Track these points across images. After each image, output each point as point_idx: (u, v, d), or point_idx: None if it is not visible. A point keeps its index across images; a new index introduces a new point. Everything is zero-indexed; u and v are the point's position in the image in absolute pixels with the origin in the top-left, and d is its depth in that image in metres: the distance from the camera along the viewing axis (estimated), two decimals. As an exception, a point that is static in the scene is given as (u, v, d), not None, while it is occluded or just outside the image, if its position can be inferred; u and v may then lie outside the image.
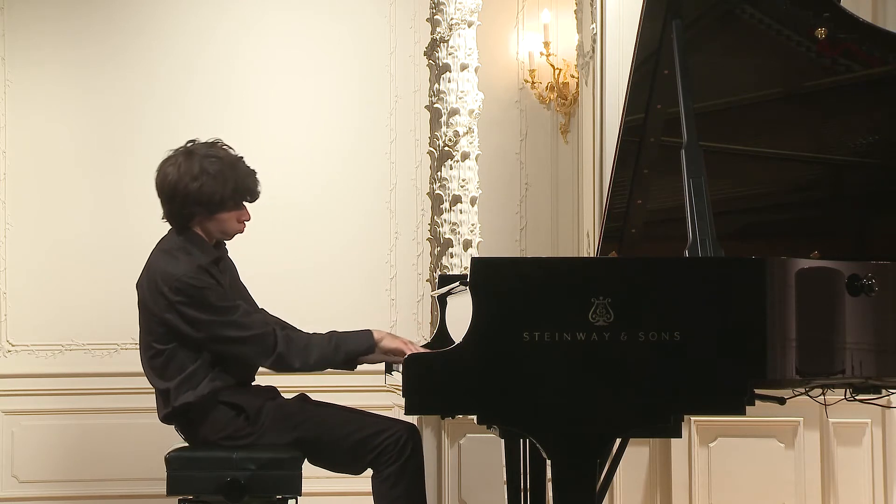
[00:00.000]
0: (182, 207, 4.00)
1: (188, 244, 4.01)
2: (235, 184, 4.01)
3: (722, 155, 3.93)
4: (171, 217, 4.06)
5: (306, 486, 4.01)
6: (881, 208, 4.00)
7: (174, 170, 4.01)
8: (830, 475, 4.96)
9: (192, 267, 3.92)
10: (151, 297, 3.96)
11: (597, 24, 5.38)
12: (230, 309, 3.89)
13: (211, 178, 3.97)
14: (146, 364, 4.04)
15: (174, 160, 4.03)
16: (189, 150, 4.04)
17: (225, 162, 4.02)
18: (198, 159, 3.99)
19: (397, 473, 3.91)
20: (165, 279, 3.93)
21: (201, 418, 3.96)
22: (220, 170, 3.99)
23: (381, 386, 4.35)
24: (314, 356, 3.86)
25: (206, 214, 4.01)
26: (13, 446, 6.95)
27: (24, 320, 7.02)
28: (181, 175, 3.98)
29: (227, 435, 3.95)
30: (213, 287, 3.90)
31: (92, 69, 7.10)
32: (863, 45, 3.80)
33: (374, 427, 3.96)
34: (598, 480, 3.34)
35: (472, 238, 5.54)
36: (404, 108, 7.16)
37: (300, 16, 7.19)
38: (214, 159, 4.00)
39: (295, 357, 3.85)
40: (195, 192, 3.96)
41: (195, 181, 3.96)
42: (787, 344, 3.27)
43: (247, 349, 3.88)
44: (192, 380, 3.93)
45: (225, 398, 3.95)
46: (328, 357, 3.87)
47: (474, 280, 3.24)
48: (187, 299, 3.88)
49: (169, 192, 4.02)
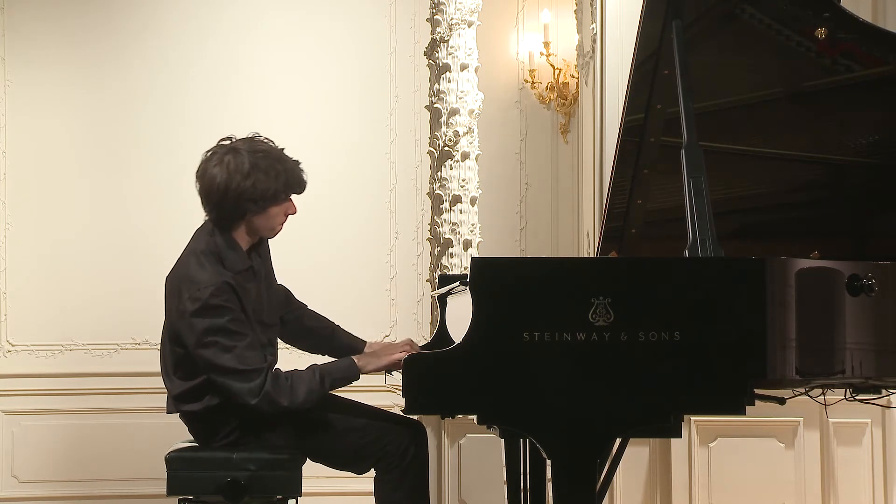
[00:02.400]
0: (235, 207, 3.86)
1: (223, 250, 3.88)
2: (286, 177, 3.90)
3: (722, 155, 3.93)
4: (219, 218, 3.90)
5: (306, 486, 4.01)
6: (881, 208, 4.00)
7: (221, 170, 3.85)
8: (830, 475, 4.96)
9: (218, 281, 3.79)
10: (172, 296, 3.90)
11: (597, 24, 5.38)
12: (237, 335, 3.77)
13: (262, 174, 3.84)
14: (162, 356, 3.98)
15: (218, 160, 3.88)
16: (233, 147, 3.90)
17: (273, 156, 3.90)
18: (245, 156, 3.86)
19: (399, 477, 3.90)
20: (188, 284, 3.81)
21: (205, 424, 3.96)
22: (271, 164, 3.87)
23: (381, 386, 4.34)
24: (302, 392, 3.75)
25: (258, 211, 3.88)
26: (13, 446, 6.95)
27: (24, 320, 7.02)
28: (231, 174, 3.84)
29: (230, 442, 3.95)
30: (230, 309, 3.77)
31: (92, 69, 7.10)
32: (863, 45, 3.80)
33: (377, 432, 3.94)
34: (598, 480, 3.34)
35: (472, 238, 5.54)
36: (404, 108, 7.16)
37: (300, 16, 7.19)
38: (262, 154, 3.88)
39: (283, 396, 3.74)
40: (249, 190, 3.83)
41: (247, 179, 3.83)
42: (787, 344, 3.27)
43: (236, 385, 3.76)
44: (197, 392, 3.88)
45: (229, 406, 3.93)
46: (315, 390, 3.78)
47: (474, 280, 3.24)
48: (201, 312, 3.76)
49: (219, 193, 3.86)
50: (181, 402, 3.93)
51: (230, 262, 3.87)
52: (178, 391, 3.93)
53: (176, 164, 7.05)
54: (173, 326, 3.89)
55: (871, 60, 3.82)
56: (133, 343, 7.03)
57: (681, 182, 3.49)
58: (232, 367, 3.74)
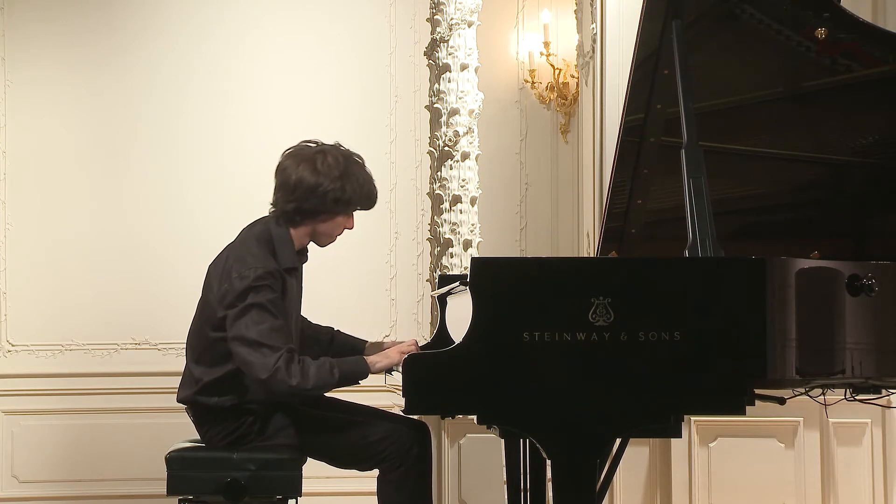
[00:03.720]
0: (315, 205, 3.94)
1: (277, 243, 3.96)
2: (368, 189, 4.01)
3: (722, 155, 3.93)
4: (294, 212, 3.97)
5: (306, 486, 4.01)
6: (881, 208, 4.00)
7: (310, 168, 3.94)
8: (830, 475, 4.96)
9: (269, 266, 3.88)
10: (217, 276, 3.96)
11: (597, 24, 5.38)
12: (270, 315, 3.82)
13: (352, 181, 3.96)
14: (189, 340, 4.04)
15: (308, 158, 3.97)
16: (322, 149, 4.01)
17: (361, 167, 4.02)
18: (340, 161, 3.97)
19: (402, 477, 3.92)
20: (239, 264, 3.89)
21: (214, 420, 3.97)
22: (360, 174, 3.99)
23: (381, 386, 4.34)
24: (312, 376, 3.77)
25: (329, 215, 3.98)
26: (13, 446, 6.95)
27: (24, 320, 7.02)
28: (321, 174, 3.93)
29: (234, 440, 3.95)
30: (272, 291, 3.85)
31: (92, 69, 7.10)
32: (863, 45, 3.80)
33: (381, 431, 3.96)
34: (598, 480, 3.34)
35: (472, 238, 5.54)
36: (404, 108, 7.16)
37: (300, 16, 7.19)
38: (353, 163, 4.00)
39: (293, 376, 3.76)
40: (335, 192, 3.93)
41: (337, 181, 3.93)
42: (787, 344, 3.27)
43: (253, 356, 3.79)
44: (223, 385, 3.92)
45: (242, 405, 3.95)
46: (325, 378, 3.80)
47: (474, 280, 3.24)
48: (246, 287, 3.83)
49: (306, 189, 3.93)
50: (199, 391, 3.94)
51: (281, 256, 3.95)
52: (199, 378, 3.95)
53: (176, 163, 7.06)
54: (211, 304, 3.94)
55: (871, 60, 3.82)
56: (133, 343, 7.03)
57: (681, 182, 3.49)
58: (254, 338, 3.79)
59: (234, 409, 3.95)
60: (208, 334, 3.95)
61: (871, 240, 4.01)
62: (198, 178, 7.05)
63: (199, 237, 6.83)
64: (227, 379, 3.93)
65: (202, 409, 3.99)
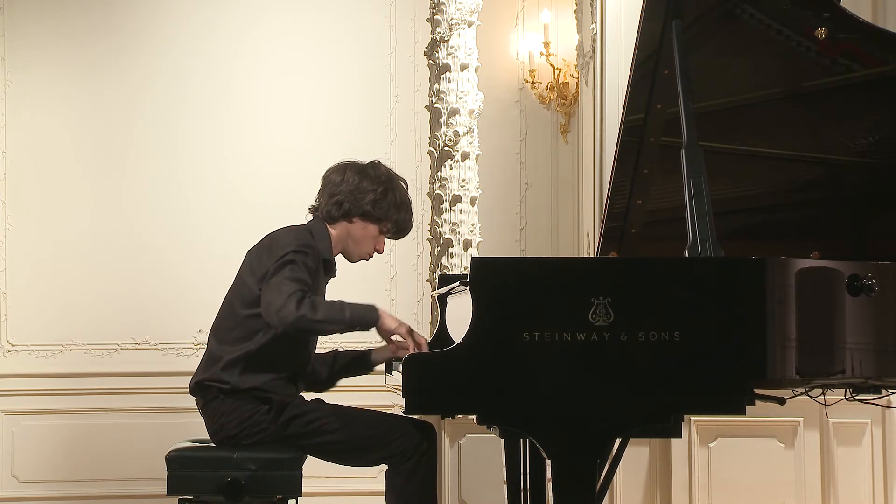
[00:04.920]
0: (354, 203, 4.08)
1: (317, 233, 4.10)
2: (405, 215, 4.15)
3: (722, 155, 3.93)
4: (332, 207, 4.12)
5: (306, 486, 4.01)
6: (881, 208, 4.00)
7: (355, 171, 4.13)
8: (830, 475, 4.96)
9: (311, 244, 4.02)
10: (258, 253, 4.05)
11: (597, 24, 5.38)
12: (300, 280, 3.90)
13: (392, 194, 4.12)
14: (214, 324, 4.10)
15: (358, 167, 4.15)
16: (374, 164, 4.18)
17: (404, 190, 4.18)
18: (385, 174, 4.15)
19: (411, 471, 3.95)
20: (282, 238, 4.02)
21: (229, 404, 3.98)
22: (402, 195, 4.16)
23: (381, 386, 4.35)
24: (321, 311, 3.86)
25: (364, 219, 4.11)
26: (13, 446, 6.96)
27: (24, 320, 7.02)
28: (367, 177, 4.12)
29: (247, 427, 3.95)
30: (308, 265, 3.96)
31: (92, 69, 7.10)
32: (863, 45, 3.80)
33: (391, 425, 4.00)
34: (598, 480, 3.34)
35: (472, 238, 5.54)
36: (404, 108, 7.16)
37: (300, 16, 7.19)
38: (400, 182, 4.18)
39: (303, 307, 3.84)
40: (373, 195, 4.09)
41: (379, 185, 4.10)
42: (787, 344, 3.27)
43: (270, 293, 3.88)
44: (244, 362, 3.97)
45: (257, 393, 3.97)
46: (334, 313, 3.87)
47: (474, 280, 3.24)
48: (284, 252, 3.94)
49: (348, 187, 4.10)
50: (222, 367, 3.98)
51: (321, 244, 4.08)
52: (220, 357, 3.99)
53: (176, 163, 7.06)
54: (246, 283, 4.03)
55: (871, 60, 3.82)
56: (133, 343, 7.03)
57: (681, 182, 3.49)
58: (278, 282, 3.88)
59: (251, 395, 3.97)
60: (239, 312, 4.02)
61: (871, 240, 4.01)
62: (198, 177, 7.05)
63: (199, 237, 6.83)
64: (248, 358, 3.97)
65: (218, 392, 3.99)
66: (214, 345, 4.06)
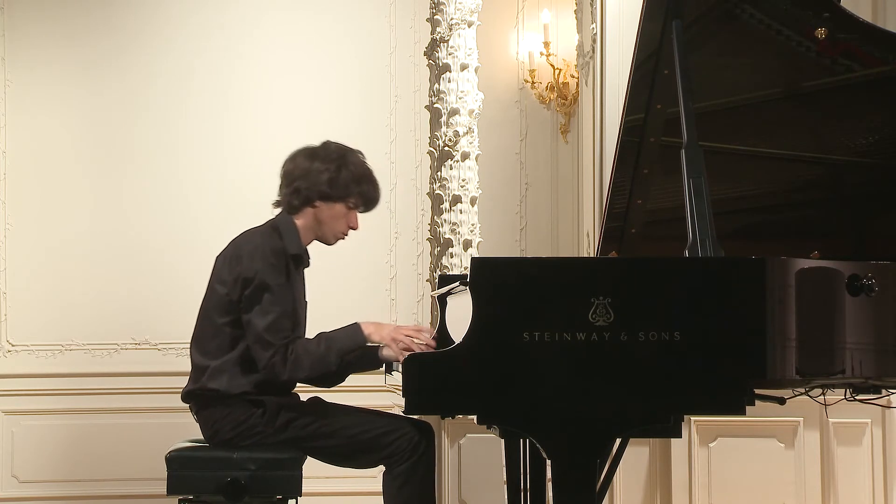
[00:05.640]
0: (311, 186, 4.05)
1: (283, 229, 4.07)
2: (366, 186, 4.11)
3: (722, 155, 3.93)
4: (292, 196, 4.09)
5: (306, 486, 4.01)
6: (881, 208, 4.00)
7: (306, 155, 4.10)
8: (830, 475, 4.96)
9: (278, 246, 4.00)
10: (227, 261, 4.03)
11: (597, 24, 5.38)
12: (278, 302, 3.91)
13: (347, 169, 4.07)
14: (194, 335, 4.10)
15: (310, 151, 4.13)
16: (325, 143, 4.16)
17: (363, 165, 4.14)
18: (337, 150, 4.12)
19: (408, 472, 3.93)
20: (247, 245, 4.00)
21: (222, 409, 3.97)
22: (358, 167, 4.11)
23: (381, 386, 4.35)
24: (306, 365, 3.88)
25: (326, 201, 4.07)
26: (13, 446, 6.96)
27: (24, 320, 7.02)
28: (316, 159, 4.09)
29: (242, 431, 3.95)
30: (280, 274, 3.95)
31: (92, 69, 7.10)
32: (863, 45, 3.80)
33: (388, 426, 3.98)
34: (598, 480, 3.34)
35: (472, 238, 5.54)
36: (404, 108, 7.16)
37: (300, 16, 7.19)
38: (353, 157, 4.12)
39: (284, 371, 3.87)
40: (329, 173, 4.06)
41: (331, 163, 4.07)
42: (787, 344, 3.27)
43: (255, 348, 3.91)
44: (231, 368, 3.96)
45: (250, 395, 3.96)
46: (320, 359, 3.88)
47: (474, 280, 3.24)
48: (256, 265, 3.93)
49: (301, 172, 4.08)
50: (207, 377, 3.97)
51: (288, 240, 4.05)
52: (207, 366, 3.98)
53: (176, 163, 7.06)
54: (219, 291, 4.01)
55: (871, 60, 3.82)
56: (133, 343, 7.03)
57: (681, 182, 3.49)
58: (259, 331, 3.90)
59: (243, 399, 3.95)
60: (216, 321, 4.01)
61: (871, 240, 4.01)
62: (198, 177, 7.05)
63: (199, 237, 6.83)
64: (234, 363, 3.97)
65: (210, 399, 3.98)
66: (198, 356, 4.05)
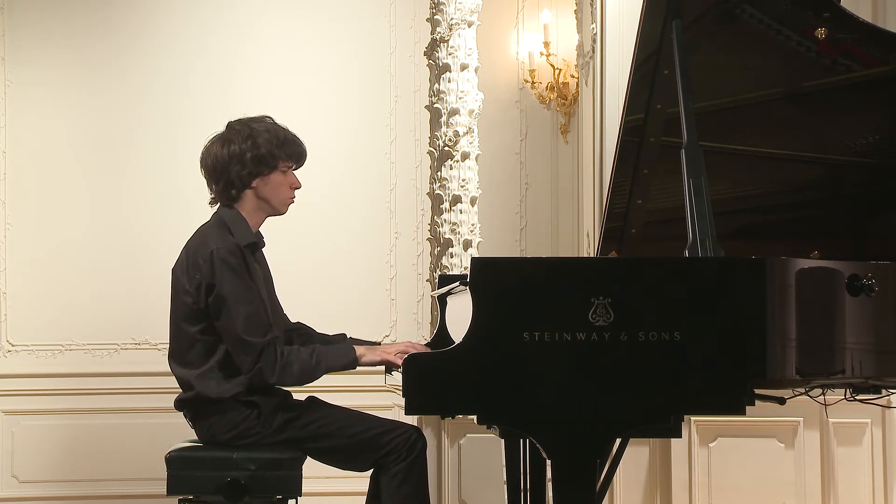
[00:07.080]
0: (238, 173, 4.01)
1: (230, 222, 4.03)
2: (285, 143, 4.05)
3: (722, 155, 3.93)
4: (225, 188, 4.05)
5: (306, 486, 4.01)
6: (881, 208, 4.00)
7: (220, 144, 4.05)
8: (830, 475, 4.96)
9: (231, 244, 3.96)
10: (185, 270, 3.98)
11: (597, 24, 5.38)
12: (244, 301, 3.89)
13: (260, 137, 4.02)
14: (170, 349, 4.06)
15: (218, 139, 4.08)
16: (228, 125, 4.10)
17: (271, 126, 4.08)
18: (243, 126, 4.06)
19: (406, 471, 3.92)
20: (201, 250, 3.96)
21: (216, 413, 3.96)
22: (269, 130, 4.05)
23: (381, 386, 4.35)
24: (295, 371, 3.87)
25: (260, 176, 4.03)
26: (13, 446, 6.96)
27: (24, 320, 7.02)
28: (229, 143, 4.03)
29: (238, 433, 3.94)
30: (241, 273, 3.92)
31: (92, 69, 7.10)
32: (863, 45, 3.80)
33: (385, 426, 3.97)
34: (598, 480, 3.34)
35: (472, 238, 5.54)
36: (404, 108, 7.16)
37: (300, 16, 7.19)
38: (259, 123, 4.07)
39: (272, 374, 3.86)
40: (248, 151, 4.00)
41: (246, 141, 4.01)
42: (787, 344, 3.27)
43: (237, 352, 3.89)
44: (216, 373, 3.94)
45: (242, 396, 3.96)
46: (308, 372, 3.89)
47: (474, 280, 3.24)
48: (215, 270, 3.90)
49: (222, 162, 4.03)
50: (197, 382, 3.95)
51: (238, 233, 4.01)
52: (192, 375, 3.96)
53: (176, 163, 7.06)
54: (183, 300, 3.96)
55: (871, 60, 3.82)
56: (133, 343, 7.03)
57: (681, 182, 3.49)
58: (237, 334, 3.88)
59: (237, 402, 3.94)
60: (189, 331, 3.97)
61: (871, 240, 4.01)
62: (198, 178, 7.00)
63: (199, 237, 6.82)
64: (217, 369, 3.94)
65: (202, 404, 3.97)
66: (179, 369, 4.02)
